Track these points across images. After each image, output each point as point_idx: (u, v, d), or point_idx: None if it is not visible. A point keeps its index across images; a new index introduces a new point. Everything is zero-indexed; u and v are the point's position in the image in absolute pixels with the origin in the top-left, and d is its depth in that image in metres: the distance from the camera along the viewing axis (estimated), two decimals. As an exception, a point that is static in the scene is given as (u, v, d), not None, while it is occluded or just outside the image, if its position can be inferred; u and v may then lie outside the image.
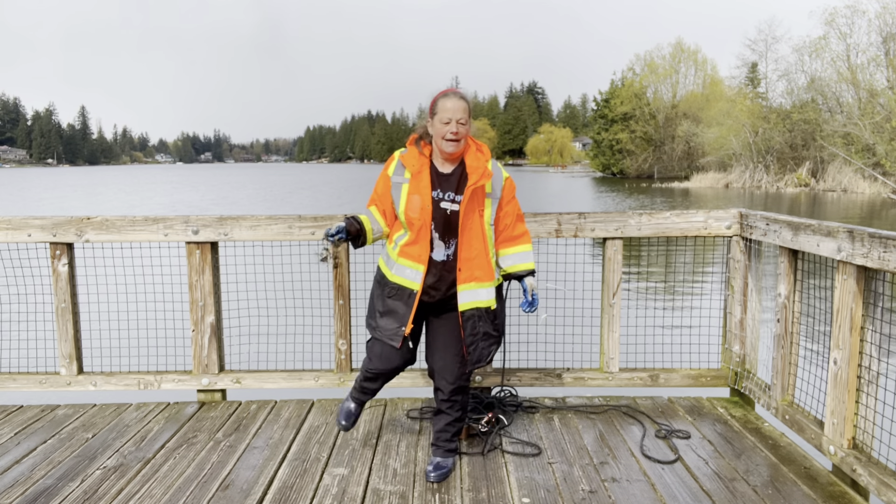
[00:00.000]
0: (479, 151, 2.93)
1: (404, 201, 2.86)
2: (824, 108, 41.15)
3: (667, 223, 3.78)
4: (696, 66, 61.52)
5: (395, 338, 2.91)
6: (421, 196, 2.83)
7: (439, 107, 2.82)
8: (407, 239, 2.87)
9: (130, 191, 47.64)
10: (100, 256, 4.07)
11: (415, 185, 2.85)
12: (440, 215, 2.84)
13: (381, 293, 2.98)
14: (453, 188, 2.87)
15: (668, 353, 3.92)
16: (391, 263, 2.93)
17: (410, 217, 2.83)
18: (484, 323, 2.93)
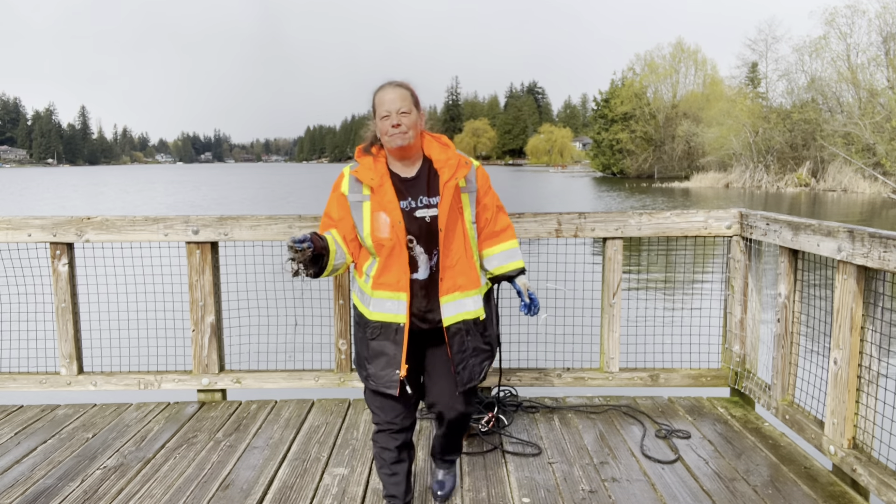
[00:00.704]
0: (442, 144, 2.56)
1: (368, 222, 2.42)
2: (824, 107, 41.14)
3: (667, 223, 3.78)
4: (696, 66, 61.52)
5: (392, 385, 2.46)
6: (388, 212, 2.39)
7: (376, 103, 2.46)
8: (378, 267, 2.44)
9: (132, 191, 47.67)
10: (100, 256, 4.07)
11: (378, 201, 2.42)
12: (418, 226, 2.42)
13: (363, 336, 2.52)
14: (424, 191, 2.47)
15: (668, 353, 3.91)
16: (367, 299, 2.50)
17: (379, 239, 2.40)
18: (472, 337, 2.52)
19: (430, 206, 2.45)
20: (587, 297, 4.03)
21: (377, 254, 2.43)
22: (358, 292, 2.57)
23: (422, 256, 2.45)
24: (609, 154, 63.28)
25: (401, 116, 2.40)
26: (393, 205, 2.40)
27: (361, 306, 2.53)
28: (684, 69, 61.83)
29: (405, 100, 2.43)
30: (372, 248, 2.43)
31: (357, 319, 2.58)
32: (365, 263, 2.52)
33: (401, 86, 2.46)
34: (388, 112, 2.40)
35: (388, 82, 2.47)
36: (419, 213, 2.43)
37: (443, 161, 2.49)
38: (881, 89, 37.60)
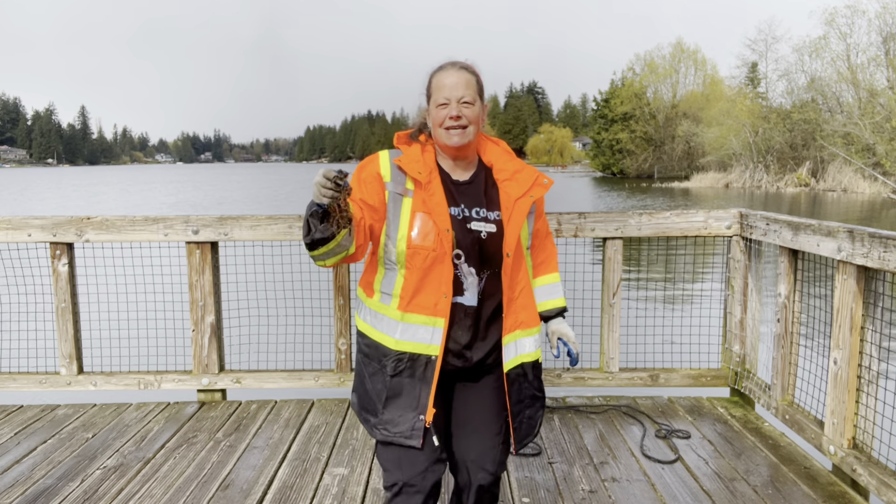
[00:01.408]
0: (504, 151, 2.14)
1: (406, 223, 1.94)
2: (824, 107, 41.15)
3: (667, 223, 3.78)
4: (696, 66, 61.53)
5: (414, 434, 1.95)
6: (434, 215, 1.92)
7: (434, 85, 2.01)
8: (408, 283, 1.95)
9: (133, 190, 47.70)
10: (100, 256, 4.07)
11: (422, 200, 1.95)
12: (471, 241, 1.95)
13: (377, 370, 2.01)
14: (481, 201, 2.02)
15: (668, 353, 3.92)
16: (391, 325, 1.98)
17: (417, 247, 1.91)
18: (529, 383, 2.10)
19: (488, 220, 1.99)
20: (587, 297, 4.03)
21: (406, 265, 1.94)
22: (369, 316, 2.05)
23: (471, 277, 1.97)
24: (609, 154, 63.28)
25: (462, 107, 1.96)
26: (441, 208, 1.93)
27: (379, 334, 2.00)
28: (684, 69, 61.85)
29: (470, 87, 1.98)
30: (400, 258, 1.93)
31: (367, 350, 2.04)
32: (376, 278, 2.04)
33: (466, 69, 2.01)
34: (448, 100, 1.96)
35: (451, 62, 2.03)
36: (474, 225, 1.98)
37: (509, 172, 2.06)
38: (881, 89, 37.61)
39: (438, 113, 1.98)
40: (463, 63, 2.03)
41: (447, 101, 1.96)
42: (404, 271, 1.95)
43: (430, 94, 2.03)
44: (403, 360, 1.96)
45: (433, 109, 2.00)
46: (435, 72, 2.04)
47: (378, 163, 2.02)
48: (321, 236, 1.75)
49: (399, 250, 1.94)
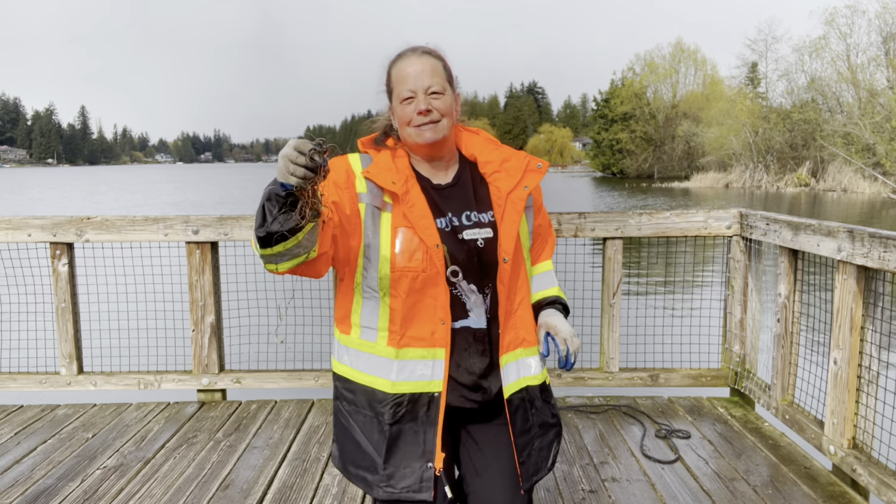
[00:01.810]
0: (487, 140, 1.83)
1: (388, 242, 1.62)
2: (824, 107, 41.16)
3: (667, 223, 3.78)
4: (695, 66, 61.55)
5: (424, 487, 1.65)
6: (419, 231, 1.61)
7: (395, 77, 1.71)
8: (393, 314, 1.64)
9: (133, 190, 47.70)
10: (100, 256, 4.07)
11: (402, 214, 1.63)
12: (466, 253, 1.66)
13: (369, 419, 1.69)
14: (470, 203, 1.72)
15: (668, 353, 3.92)
16: (385, 365, 1.66)
17: (403, 270, 1.61)
18: (539, 410, 1.77)
19: (482, 224, 1.69)
20: (587, 297, 4.03)
21: (391, 292, 1.63)
22: (350, 357, 1.73)
23: (473, 296, 1.67)
24: (609, 154, 63.29)
25: (431, 99, 1.66)
26: (426, 221, 1.63)
27: (369, 377, 1.69)
28: (684, 69, 61.87)
29: (437, 74, 1.68)
30: (384, 283, 1.63)
31: (351, 398, 1.72)
32: (353, 310, 1.72)
33: (429, 54, 1.70)
34: (413, 92, 1.66)
35: (410, 48, 1.71)
36: (468, 234, 1.68)
37: (497, 162, 1.76)
38: (881, 89, 37.62)
39: (404, 110, 1.67)
40: (425, 47, 1.71)
41: (412, 94, 1.66)
42: (388, 299, 1.64)
43: (391, 89, 1.72)
44: (403, 404, 1.65)
45: (397, 106, 1.70)
46: (393, 62, 1.71)
47: (350, 167, 1.68)
48: (279, 228, 1.38)
49: (382, 275, 1.62)
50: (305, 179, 1.32)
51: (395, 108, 1.72)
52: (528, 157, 1.79)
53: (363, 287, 1.68)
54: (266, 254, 1.46)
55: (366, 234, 1.64)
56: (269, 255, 1.47)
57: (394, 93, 1.71)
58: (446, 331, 1.65)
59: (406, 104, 1.67)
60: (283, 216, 1.38)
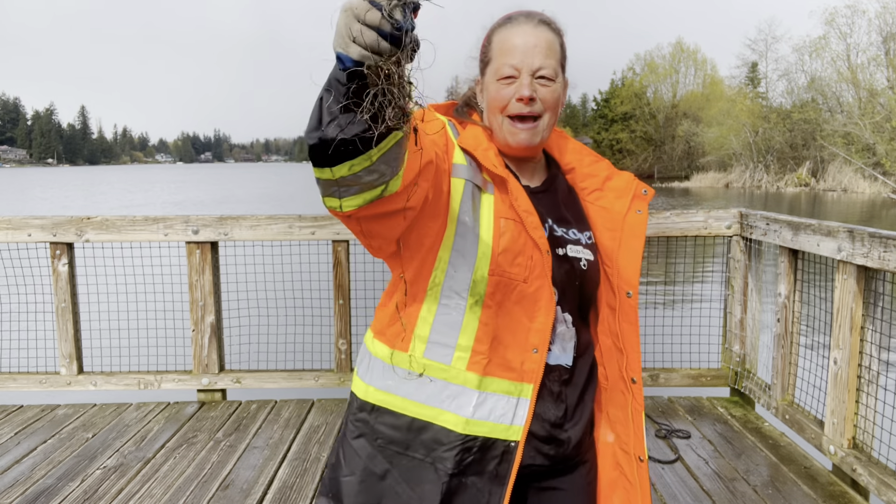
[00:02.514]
0: (585, 151, 1.47)
1: (490, 232, 1.24)
2: (824, 107, 41.17)
3: (667, 223, 3.78)
4: (695, 66, 61.54)
5: None
6: (529, 229, 1.25)
7: (497, 47, 1.31)
8: (483, 330, 1.25)
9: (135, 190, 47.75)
10: (100, 256, 4.07)
11: (507, 204, 1.26)
12: (565, 274, 1.30)
13: (420, 465, 1.26)
14: (564, 216, 1.37)
15: (668, 353, 3.92)
16: (451, 392, 1.26)
17: (507, 274, 1.24)
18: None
19: (582, 243, 1.34)
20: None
21: (488, 300, 1.24)
22: (398, 381, 1.28)
23: (562, 327, 1.31)
24: (609, 154, 63.22)
25: (538, 84, 1.27)
26: (534, 219, 1.25)
27: (432, 411, 1.25)
28: (684, 69, 61.85)
29: (551, 53, 1.28)
30: (478, 287, 1.23)
31: (394, 436, 1.27)
32: (420, 317, 1.27)
33: (547, 25, 1.31)
34: (517, 70, 1.27)
35: (525, 14, 1.32)
36: (571, 250, 1.32)
37: (598, 179, 1.42)
38: (881, 89, 37.64)
39: (500, 91, 1.28)
40: (543, 16, 1.32)
41: (515, 73, 1.27)
42: (480, 310, 1.24)
43: (487, 60, 1.33)
44: (472, 450, 1.24)
45: (491, 83, 1.30)
46: (498, 26, 1.33)
47: (445, 128, 1.29)
48: (337, 134, 0.90)
49: (478, 276, 1.22)
50: (379, 53, 0.83)
51: (487, 84, 1.33)
52: (634, 179, 1.42)
53: (443, 289, 1.25)
54: (324, 177, 0.98)
55: (461, 218, 1.22)
56: (329, 181, 0.98)
57: (490, 65, 1.32)
58: (539, 363, 1.26)
59: (504, 84, 1.28)
60: (346, 116, 0.88)
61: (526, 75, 1.27)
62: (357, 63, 0.84)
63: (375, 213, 1.05)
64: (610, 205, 1.39)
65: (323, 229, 3.80)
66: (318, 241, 3.87)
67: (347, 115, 0.89)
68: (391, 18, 0.82)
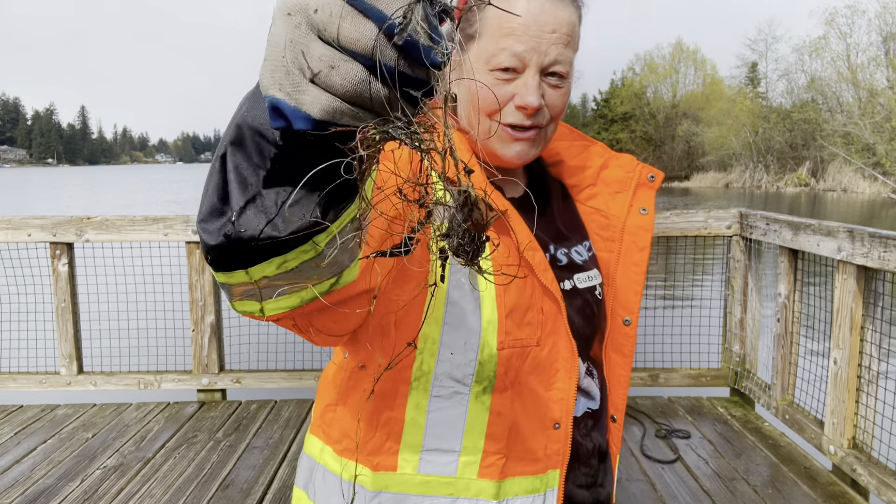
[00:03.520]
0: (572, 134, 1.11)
1: (489, 289, 0.90)
2: (824, 107, 41.20)
3: (667, 223, 3.78)
4: (695, 66, 61.57)
5: None
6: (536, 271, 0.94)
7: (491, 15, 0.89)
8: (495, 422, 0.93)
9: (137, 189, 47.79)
10: (100, 256, 4.07)
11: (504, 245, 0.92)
12: (581, 310, 1.02)
13: None
14: (566, 229, 1.08)
15: (668, 353, 3.92)
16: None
17: (514, 341, 0.91)
18: None
19: (588, 265, 1.06)
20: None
21: (500, 383, 0.93)
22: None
23: (591, 381, 1.06)
24: (609, 154, 63.29)
25: (547, 84, 0.93)
26: (538, 255, 0.95)
27: None
28: (684, 69, 61.89)
29: (571, 39, 0.92)
30: (489, 368, 0.91)
31: None
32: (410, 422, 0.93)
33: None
34: (524, 61, 0.90)
35: None
36: (580, 279, 1.03)
37: (592, 170, 1.10)
38: (881, 89, 37.66)
39: (493, 88, 0.91)
40: None
41: (519, 66, 0.90)
42: (489, 398, 0.93)
43: (469, 32, 0.92)
44: None
45: (476, 71, 0.91)
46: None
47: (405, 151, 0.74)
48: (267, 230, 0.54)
49: (485, 355, 0.90)
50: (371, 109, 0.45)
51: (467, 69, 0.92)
52: (636, 163, 1.09)
53: (435, 378, 0.91)
54: (232, 282, 0.61)
55: (451, 279, 0.89)
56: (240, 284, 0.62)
57: (478, 43, 0.91)
58: (564, 440, 0.97)
59: (500, 78, 0.90)
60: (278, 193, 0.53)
61: (534, 72, 0.89)
62: (316, 124, 0.46)
63: (319, 307, 0.69)
64: (605, 206, 1.08)
65: (323, 229, 3.80)
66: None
67: (279, 189, 0.52)
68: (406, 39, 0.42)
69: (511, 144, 0.94)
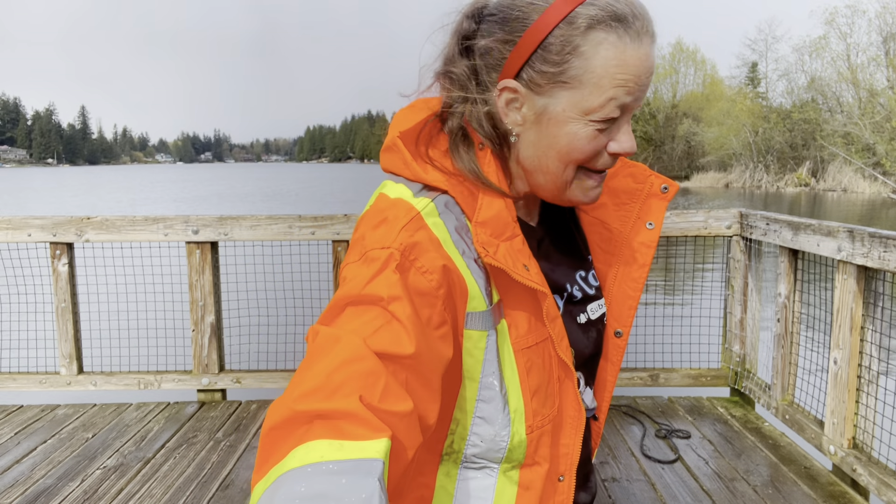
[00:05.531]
0: None
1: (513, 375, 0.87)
2: (824, 107, 41.20)
3: (667, 223, 3.78)
4: (695, 66, 61.57)
5: None
6: (558, 347, 0.89)
7: (597, 60, 0.79)
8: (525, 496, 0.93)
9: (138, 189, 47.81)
10: (100, 256, 4.07)
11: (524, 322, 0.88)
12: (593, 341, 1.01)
13: None
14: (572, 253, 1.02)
15: (668, 353, 3.92)
16: None
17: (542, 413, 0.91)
18: None
19: (597, 293, 1.03)
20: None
21: (529, 460, 0.92)
22: None
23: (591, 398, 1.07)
24: (609, 154, 63.24)
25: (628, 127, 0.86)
26: (561, 333, 0.91)
27: None
28: (684, 69, 61.88)
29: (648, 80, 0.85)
30: (520, 450, 0.91)
31: None
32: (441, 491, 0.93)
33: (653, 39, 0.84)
34: (626, 109, 0.84)
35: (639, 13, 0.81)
36: (593, 308, 1.01)
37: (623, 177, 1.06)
38: (881, 89, 37.66)
39: (591, 138, 0.84)
40: (652, 22, 0.84)
41: (619, 112, 0.83)
42: (518, 474, 0.93)
43: (563, 76, 0.81)
44: None
45: (568, 118, 0.83)
46: (600, 25, 0.80)
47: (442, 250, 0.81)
48: None
49: (515, 442, 0.89)
50: None
51: (554, 114, 0.83)
52: (648, 173, 1.04)
53: (465, 459, 0.91)
54: None
55: (484, 381, 0.87)
56: None
57: (576, 90, 0.82)
58: (568, 491, 0.97)
59: (598, 127, 0.83)
60: None
61: (629, 117, 0.85)
62: None
63: None
64: (608, 218, 1.04)
65: (323, 229, 3.80)
66: (318, 241, 3.87)
67: None
68: None
69: (592, 190, 0.90)
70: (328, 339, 0.72)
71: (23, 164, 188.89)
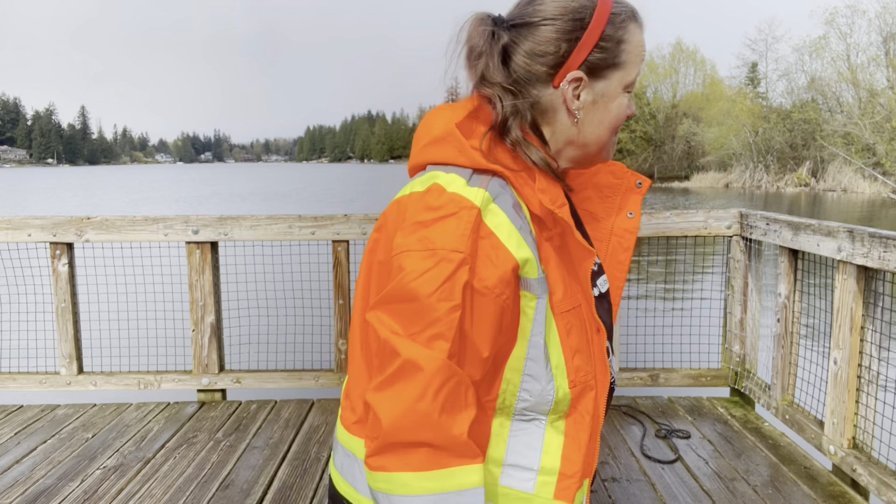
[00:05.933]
0: None
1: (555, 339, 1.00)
2: (824, 107, 41.20)
3: (667, 223, 3.78)
4: (695, 66, 61.56)
5: None
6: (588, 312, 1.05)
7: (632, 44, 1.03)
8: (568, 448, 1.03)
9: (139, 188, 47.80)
10: (100, 256, 4.07)
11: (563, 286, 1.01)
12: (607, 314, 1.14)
13: None
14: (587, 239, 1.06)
15: (668, 353, 3.92)
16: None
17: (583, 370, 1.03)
18: None
19: (601, 269, 1.15)
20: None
21: (574, 413, 1.04)
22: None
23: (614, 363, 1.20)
24: (609, 154, 63.19)
25: None
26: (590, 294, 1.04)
27: None
28: (684, 69, 61.87)
29: None
30: (564, 404, 1.01)
31: None
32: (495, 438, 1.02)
33: None
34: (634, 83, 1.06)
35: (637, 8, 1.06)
36: (602, 282, 1.13)
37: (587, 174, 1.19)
38: (881, 89, 37.66)
39: (627, 105, 1.05)
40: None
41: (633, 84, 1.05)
42: (564, 424, 1.03)
43: (615, 61, 1.01)
44: None
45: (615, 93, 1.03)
46: (630, 19, 1.02)
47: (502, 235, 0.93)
48: None
49: (560, 395, 1.00)
50: None
51: (607, 93, 1.02)
52: (625, 171, 1.18)
53: (516, 411, 1.01)
54: None
55: (533, 340, 0.98)
56: None
57: (620, 70, 1.02)
58: (593, 452, 1.07)
59: (629, 95, 1.05)
60: None
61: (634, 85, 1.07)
62: None
63: None
64: (595, 209, 1.17)
65: (323, 229, 3.80)
66: (318, 241, 3.87)
67: None
68: None
69: (614, 146, 1.11)
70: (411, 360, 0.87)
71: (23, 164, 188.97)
